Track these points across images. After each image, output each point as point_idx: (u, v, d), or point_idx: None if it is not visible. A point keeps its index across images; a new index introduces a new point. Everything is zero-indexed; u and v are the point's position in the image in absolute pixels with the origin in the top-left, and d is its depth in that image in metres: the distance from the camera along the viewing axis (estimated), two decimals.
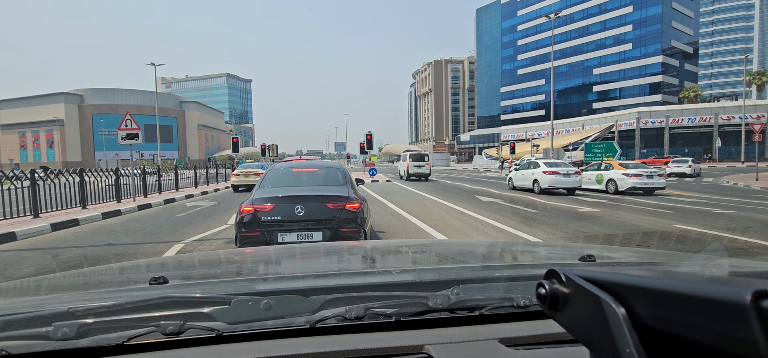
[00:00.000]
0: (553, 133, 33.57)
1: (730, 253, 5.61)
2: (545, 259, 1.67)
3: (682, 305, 0.36)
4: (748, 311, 0.30)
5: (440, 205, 11.38)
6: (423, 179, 23.86)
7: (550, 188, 14.29)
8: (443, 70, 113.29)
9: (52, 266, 5.57)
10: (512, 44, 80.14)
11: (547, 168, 14.47)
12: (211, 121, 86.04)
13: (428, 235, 7.11)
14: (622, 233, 7.22)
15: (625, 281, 0.43)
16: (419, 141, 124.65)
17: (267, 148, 32.82)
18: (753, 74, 54.80)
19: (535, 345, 0.84)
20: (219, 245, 6.50)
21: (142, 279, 1.12)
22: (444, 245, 2.43)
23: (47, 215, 9.57)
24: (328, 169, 5.78)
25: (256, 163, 22.17)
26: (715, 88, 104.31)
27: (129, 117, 13.12)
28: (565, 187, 14.32)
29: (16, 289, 1.30)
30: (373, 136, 25.83)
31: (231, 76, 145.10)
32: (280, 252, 1.85)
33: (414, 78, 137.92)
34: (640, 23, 62.08)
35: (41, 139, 65.64)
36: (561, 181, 14.16)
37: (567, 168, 14.56)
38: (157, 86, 64.65)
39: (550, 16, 34.28)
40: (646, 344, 0.39)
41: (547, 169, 14.41)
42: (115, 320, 0.84)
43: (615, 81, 65.35)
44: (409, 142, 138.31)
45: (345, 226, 4.50)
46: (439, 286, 0.98)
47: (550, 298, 0.51)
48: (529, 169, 15.59)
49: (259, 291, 0.98)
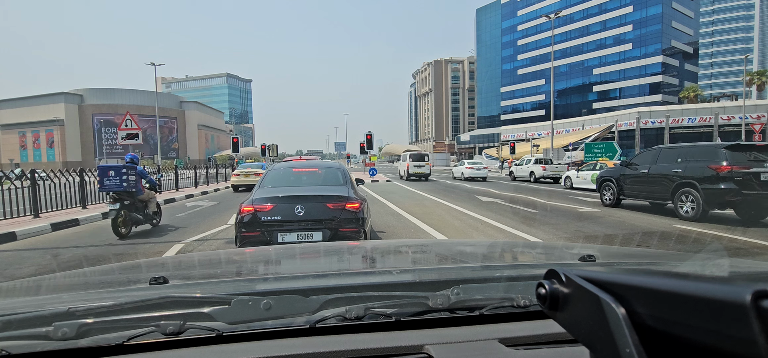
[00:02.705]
0: (553, 133, 33.56)
1: (730, 253, 5.61)
2: (545, 259, 1.67)
3: (682, 305, 0.36)
4: (748, 311, 0.30)
5: (440, 205, 11.38)
6: (423, 179, 23.85)
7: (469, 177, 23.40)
8: (443, 70, 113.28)
9: (52, 266, 5.57)
10: (512, 44, 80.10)
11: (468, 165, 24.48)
12: (211, 121, 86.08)
13: (428, 235, 7.11)
14: (622, 233, 7.22)
15: (625, 281, 0.43)
16: (419, 141, 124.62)
17: (267, 148, 32.84)
18: (753, 74, 54.72)
19: (535, 345, 0.84)
20: (219, 245, 6.50)
21: (142, 279, 1.12)
22: (444, 245, 2.43)
23: (47, 215, 9.57)
24: (328, 169, 5.78)
25: (256, 163, 22.15)
26: (715, 88, 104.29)
27: (129, 117, 13.12)
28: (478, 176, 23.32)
29: (16, 289, 1.30)
30: (373, 136, 25.85)
31: (231, 76, 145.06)
32: (280, 252, 1.85)
33: (414, 78, 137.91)
34: (640, 23, 62.05)
35: (41, 139, 65.67)
36: (475, 172, 23.38)
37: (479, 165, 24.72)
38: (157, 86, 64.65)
39: (550, 16, 34.25)
40: (646, 344, 0.39)
41: (469, 165, 24.36)
42: (115, 320, 0.84)
43: (615, 81, 65.32)
44: (409, 142, 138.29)
45: (345, 226, 4.50)
46: (439, 286, 0.98)
47: (550, 298, 0.51)
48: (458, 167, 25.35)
49: (259, 291, 0.98)
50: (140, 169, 7.89)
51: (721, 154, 7.97)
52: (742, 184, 7.59)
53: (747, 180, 7.58)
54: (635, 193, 9.98)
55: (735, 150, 7.96)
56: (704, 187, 8.00)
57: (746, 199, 7.63)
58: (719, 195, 7.81)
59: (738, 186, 7.59)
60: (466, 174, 23.33)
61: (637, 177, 9.80)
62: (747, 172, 7.60)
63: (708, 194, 7.93)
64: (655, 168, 9.33)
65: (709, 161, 8.12)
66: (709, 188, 7.94)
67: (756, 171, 7.62)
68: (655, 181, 9.25)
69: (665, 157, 9.31)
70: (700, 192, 8.04)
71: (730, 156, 7.86)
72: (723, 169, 7.76)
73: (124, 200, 7.34)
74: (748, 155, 7.89)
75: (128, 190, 7.34)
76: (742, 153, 7.92)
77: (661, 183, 9.06)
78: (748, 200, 7.67)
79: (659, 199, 9.30)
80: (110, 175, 7.20)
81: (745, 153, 7.93)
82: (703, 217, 8.11)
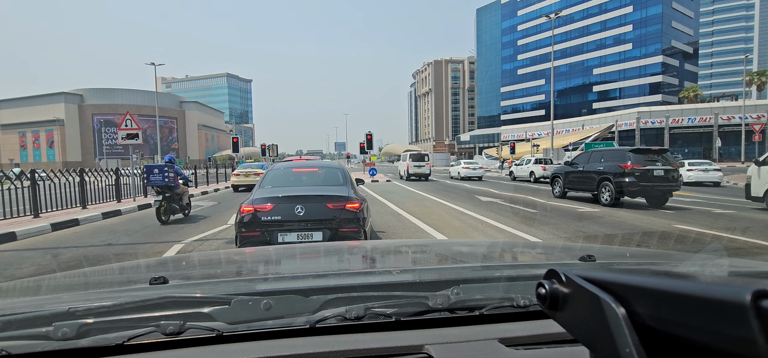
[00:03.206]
0: (553, 133, 33.57)
1: (730, 253, 5.61)
2: (545, 259, 1.67)
3: (682, 305, 0.36)
4: (747, 311, 0.30)
5: (440, 205, 11.38)
6: (423, 179, 23.86)
7: (465, 176, 24.45)
8: (443, 70, 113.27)
9: (52, 266, 5.57)
10: (512, 44, 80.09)
11: (464, 164, 25.72)
12: (211, 121, 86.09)
13: (428, 235, 7.11)
14: (622, 233, 7.22)
15: (625, 281, 0.43)
16: (419, 141, 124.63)
17: (267, 148, 32.79)
18: (753, 74, 54.71)
19: (535, 345, 0.84)
20: (219, 245, 6.50)
21: (142, 279, 1.12)
22: (444, 245, 2.43)
23: (47, 215, 9.57)
24: (328, 169, 5.78)
25: (256, 163, 22.22)
26: (715, 88, 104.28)
27: (129, 117, 13.12)
28: (474, 176, 24.51)
29: (16, 289, 1.29)
30: (373, 136, 25.85)
31: (231, 76, 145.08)
32: (280, 252, 1.85)
33: (414, 78, 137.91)
34: (640, 23, 62.05)
35: (41, 139, 65.67)
36: (470, 172, 24.47)
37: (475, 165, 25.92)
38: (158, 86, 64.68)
39: (550, 16, 34.26)
40: (646, 344, 0.39)
41: (465, 165, 25.58)
42: (115, 320, 0.83)
43: (615, 81, 65.32)
44: (409, 142, 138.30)
45: (345, 226, 4.50)
46: (439, 286, 0.98)
47: (550, 298, 0.51)
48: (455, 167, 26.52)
49: (259, 291, 0.98)
50: (177, 168, 9.24)
51: (627, 156, 10.61)
52: (640, 178, 10.26)
53: (643, 175, 10.27)
54: (575, 186, 12.49)
55: (637, 153, 10.60)
56: (616, 180, 10.54)
57: (644, 189, 10.32)
58: (625, 186, 10.37)
59: (637, 179, 10.26)
60: (462, 173, 24.62)
61: (576, 173, 12.36)
62: (644, 168, 10.28)
63: (617, 186, 10.49)
64: (587, 166, 11.93)
65: (619, 161, 10.66)
66: (618, 181, 10.48)
67: (650, 168, 10.32)
68: (587, 176, 11.79)
69: (594, 158, 11.89)
70: (613, 184, 10.59)
71: (633, 157, 10.47)
72: (627, 167, 10.40)
73: (165, 193, 8.73)
74: (645, 157, 10.53)
75: (169, 185, 8.71)
76: (642, 155, 10.56)
77: (591, 178, 11.60)
78: (646, 190, 10.36)
79: (589, 190, 11.73)
80: (155, 173, 8.59)
81: (644, 155, 10.58)
82: (617, 203, 10.70)
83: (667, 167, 10.45)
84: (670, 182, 10.46)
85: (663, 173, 10.36)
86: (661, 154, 10.75)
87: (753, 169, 10.22)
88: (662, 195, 10.60)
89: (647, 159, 10.45)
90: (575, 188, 12.46)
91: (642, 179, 10.22)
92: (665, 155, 10.87)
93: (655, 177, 10.32)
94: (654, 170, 10.33)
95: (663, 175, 10.36)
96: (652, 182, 10.29)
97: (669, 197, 10.82)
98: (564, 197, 12.95)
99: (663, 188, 10.45)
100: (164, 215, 8.68)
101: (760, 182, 10.03)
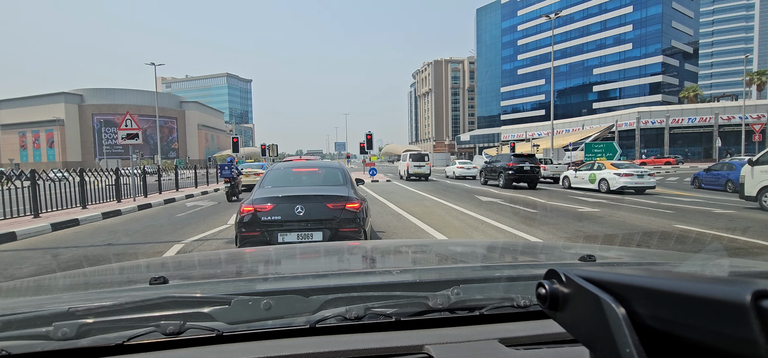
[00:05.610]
0: (553, 133, 33.56)
1: (730, 253, 5.61)
2: (545, 259, 1.67)
3: (682, 305, 0.36)
4: (748, 311, 0.30)
5: (440, 205, 11.38)
6: (423, 179, 23.87)
7: (460, 175, 26.31)
8: (443, 70, 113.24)
9: (52, 266, 5.57)
10: (512, 44, 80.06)
11: (459, 164, 27.76)
12: (211, 121, 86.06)
13: (428, 235, 7.11)
14: (622, 233, 7.22)
15: (625, 281, 0.43)
16: (419, 141, 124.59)
17: (267, 148, 32.78)
18: (753, 74, 54.70)
19: (535, 345, 0.84)
20: (219, 245, 6.50)
21: (142, 279, 1.12)
22: (444, 245, 2.43)
23: (47, 215, 9.57)
24: (328, 169, 5.77)
25: (256, 163, 22.25)
26: (715, 88, 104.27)
27: (129, 117, 13.12)
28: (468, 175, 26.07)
29: (16, 289, 1.29)
30: (373, 136, 25.84)
31: (231, 76, 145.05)
32: (280, 252, 1.85)
33: (414, 78, 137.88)
34: (640, 23, 62.02)
35: (41, 139, 65.65)
36: (465, 171, 26.23)
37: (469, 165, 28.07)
38: (157, 86, 64.64)
39: (550, 16, 34.22)
40: (646, 344, 0.39)
41: (460, 165, 27.61)
42: (115, 320, 0.83)
43: (615, 81, 65.29)
44: (409, 142, 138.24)
45: (345, 226, 4.49)
46: (439, 286, 0.97)
47: (550, 298, 0.51)
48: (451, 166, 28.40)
49: (259, 291, 0.98)
50: (235, 165, 13.75)
51: (511, 158, 17.60)
52: (515, 171, 17.05)
53: (517, 168, 17.07)
54: (490, 178, 19.42)
55: (515, 156, 17.75)
56: (506, 173, 17.32)
57: (519, 177, 17.12)
58: (509, 176, 17.10)
59: (514, 172, 17.05)
60: (457, 173, 26.56)
61: (490, 168, 19.35)
62: (517, 165, 17.14)
63: (505, 176, 17.31)
64: (496, 165, 18.77)
65: (507, 162, 17.57)
66: (506, 173, 17.27)
67: (521, 165, 17.12)
68: (495, 170, 18.65)
69: (501, 159, 18.62)
70: (504, 175, 17.46)
71: (513, 158, 17.52)
72: (509, 165, 17.24)
73: (231, 182, 13.03)
74: (519, 159, 17.36)
75: (232, 177, 13.10)
76: (517, 158, 17.50)
77: (496, 171, 18.43)
78: (521, 178, 17.14)
79: (495, 180, 18.52)
80: (224, 168, 13.18)
81: (518, 158, 17.49)
82: (507, 186, 17.21)
83: (533, 165, 17.20)
84: (535, 174, 17.23)
85: (529, 169, 17.11)
86: (529, 158, 17.59)
87: (746, 169, 10.25)
88: (531, 181, 17.24)
89: (520, 161, 17.27)
90: (490, 179, 19.39)
91: (518, 172, 17.00)
92: (532, 158, 17.71)
93: (525, 171, 17.10)
94: (524, 167, 17.07)
95: (529, 170, 17.10)
96: (524, 173, 17.08)
97: (537, 182, 17.56)
98: (486, 184, 19.60)
99: (531, 176, 17.12)
100: (231, 196, 12.97)
101: (753, 181, 10.03)
